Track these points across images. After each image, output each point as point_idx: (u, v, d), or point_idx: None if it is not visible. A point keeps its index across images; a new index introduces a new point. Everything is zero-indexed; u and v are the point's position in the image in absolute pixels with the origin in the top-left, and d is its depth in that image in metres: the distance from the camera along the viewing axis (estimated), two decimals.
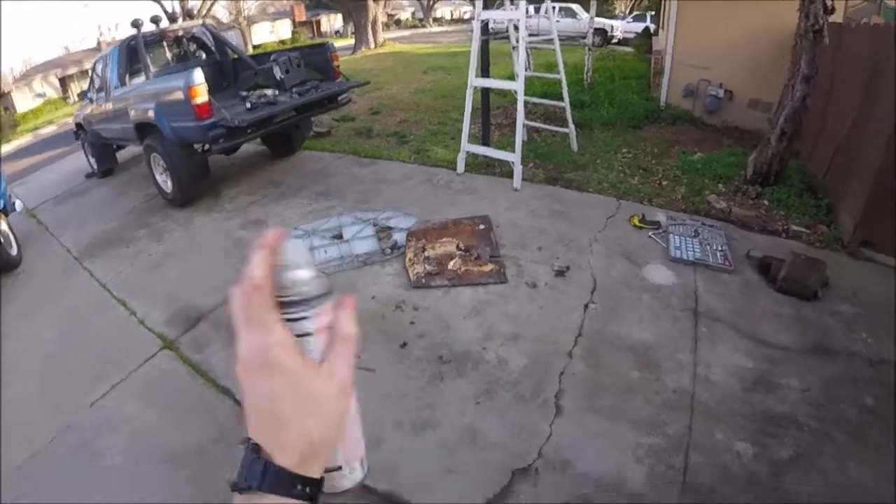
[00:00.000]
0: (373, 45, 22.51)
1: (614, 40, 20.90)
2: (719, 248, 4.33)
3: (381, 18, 25.83)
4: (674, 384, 3.03)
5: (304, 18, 42.53)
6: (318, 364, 0.47)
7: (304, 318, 0.47)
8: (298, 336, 0.46)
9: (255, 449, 0.45)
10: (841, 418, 2.78)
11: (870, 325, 3.47)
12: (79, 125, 8.86)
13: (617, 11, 31.03)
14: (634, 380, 3.08)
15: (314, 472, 0.46)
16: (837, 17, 5.91)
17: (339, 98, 6.93)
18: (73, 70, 32.47)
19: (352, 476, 0.53)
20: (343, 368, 0.48)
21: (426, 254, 4.41)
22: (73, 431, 3.15)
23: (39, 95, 31.02)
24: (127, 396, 3.37)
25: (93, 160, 8.74)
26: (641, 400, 2.93)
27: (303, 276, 0.47)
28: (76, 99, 8.31)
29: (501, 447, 2.69)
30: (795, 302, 3.70)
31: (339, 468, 0.52)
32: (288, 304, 0.46)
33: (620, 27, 21.79)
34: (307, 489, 0.45)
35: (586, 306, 3.73)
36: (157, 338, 3.90)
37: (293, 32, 40.90)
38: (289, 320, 0.46)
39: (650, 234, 4.66)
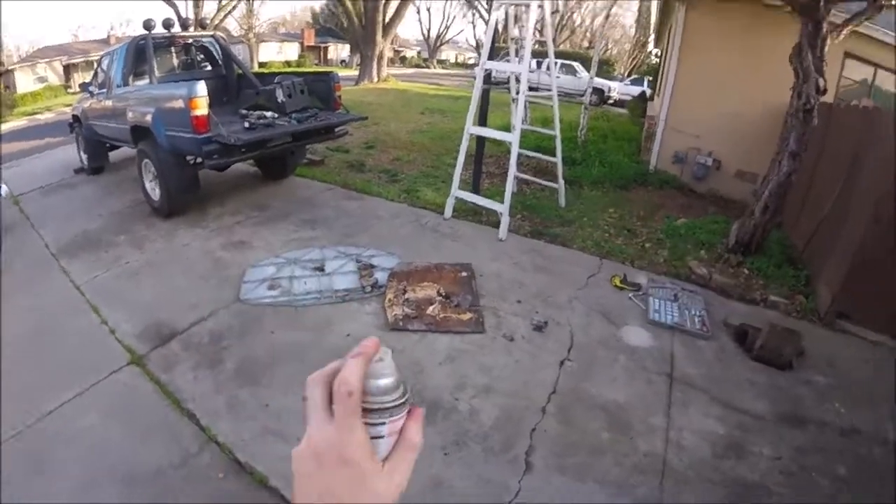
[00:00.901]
0: (376, 79, 22.86)
1: (610, 101, 21.46)
2: (697, 314, 4.37)
3: (388, 54, 26.29)
4: (645, 447, 3.02)
5: (312, 43, 43.26)
6: (382, 463, 0.50)
7: (382, 423, 0.50)
8: (372, 438, 0.50)
9: None
10: (812, 487, 2.80)
11: (843, 396, 3.53)
12: (75, 117, 8.79)
13: (615, 73, 31.91)
14: (606, 441, 3.06)
15: None
16: (829, 98, 6.13)
17: (337, 129, 6.95)
18: (78, 59, 32.53)
19: None
20: (403, 472, 0.51)
21: (406, 296, 4.39)
22: (26, 438, 3.02)
23: (41, 79, 31.04)
24: (87, 408, 3.26)
25: (84, 156, 8.65)
26: (612, 461, 2.91)
27: (388, 387, 0.51)
28: (77, 89, 8.35)
29: (467, 500, 2.64)
30: (770, 371, 3.75)
31: None
32: (369, 412, 0.50)
33: (618, 88, 22.44)
34: None
35: (562, 363, 3.72)
36: (126, 351, 3.81)
37: (300, 56, 41.54)
38: (367, 424, 0.49)
39: (630, 295, 4.70)
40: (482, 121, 6.46)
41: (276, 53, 40.77)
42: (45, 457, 2.89)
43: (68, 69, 32.30)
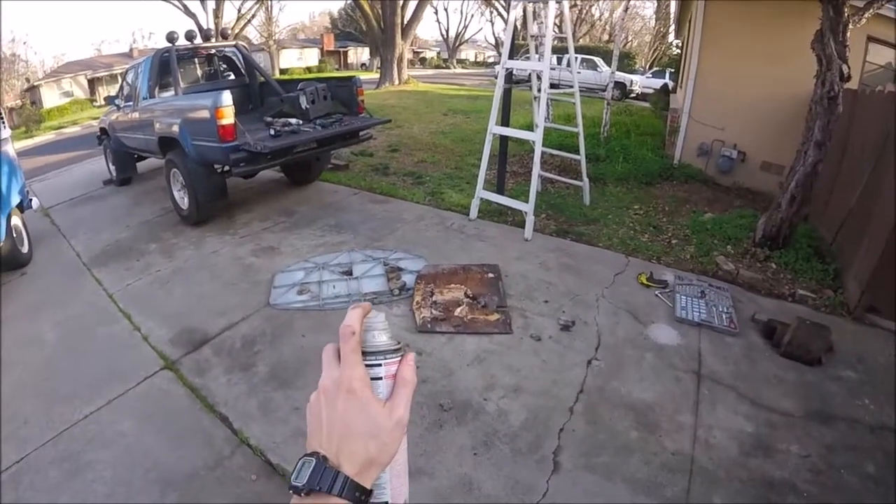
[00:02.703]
0: (397, 82, 23.00)
1: (632, 94, 21.28)
2: (725, 311, 4.34)
3: (408, 56, 26.41)
4: (673, 446, 3.01)
5: (332, 48, 43.60)
6: (383, 401, 0.59)
7: (378, 365, 0.59)
8: (372, 379, 0.59)
9: (324, 459, 0.55)
10: (841, 485, 2.77)
11: (872, 392, 3.48)
12: (103, 130, 9.01)
13: (637, 66, 31.57)
14: (634, 439, 3.07)
15: (366, 484, 0.56)
16: (853, 84, 6.02)
17: (361, 133, 7.03)
18: (102, 73, 33.46)
19: None
20: (401, 407, 0.59)
21: (434, 298, 4.45)
22: (64, 441, 3.13)
23: (66, 94, 31.87)
24: (123, 413, 3.36)
25: (112, 167, 8.88)
26: (640, 461, 2.91)
27: (380, 334, 0.61)
28: (102, 102, 8.60)
29: (496, 500, 2.67)
30: (799, 367, 3.71)
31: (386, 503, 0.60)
32: (368, 354, 0.59)
33: (640, 82, 22.24)
34: (361, 496, 0.55)
35: (589, 362, 3.74)
36: (159, 357, 3.92)
37: (320, 61, 41.93)
38: (367, 365, 0.59)
39: (657, 292, 4.69)
40: (505, 120, 6.47)
41: (297, 59, 41.23)
42: (83, 459, 2.99)
43: (93, 83, 33.18)
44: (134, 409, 3.42)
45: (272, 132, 6.13)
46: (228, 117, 5.40)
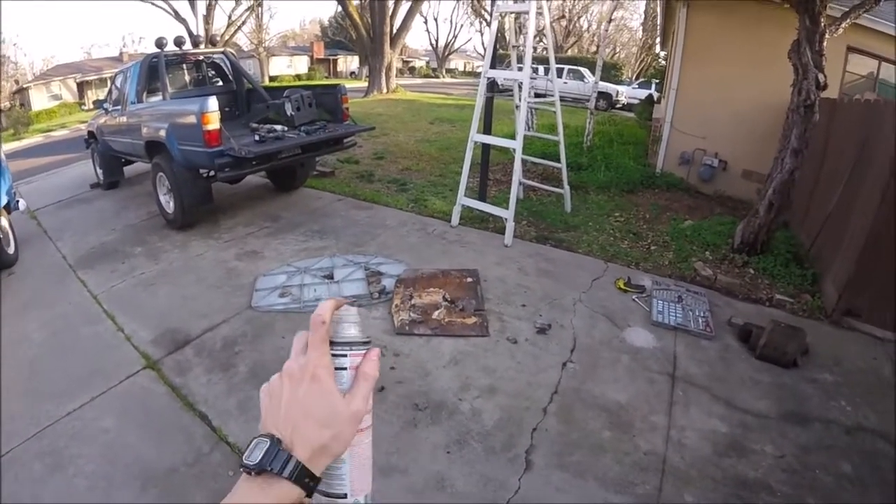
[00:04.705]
0: (385, 90, 23.07)
1: (618, 105, 21.52)
2: (701, 315, 4.40)
3: (396, 65, 26.53)
4: (646, 445, 3.05)
5: (322, 56, 43.69)
6: (343, 392, 0.60)
7: (343, 355, 0.61)
8: (336, 369, 0.60)
9: (278, 441, 0.56)
10: (815, 485, 2.81)
11: (849, 394, 3.54)
12: (91, 133, 9.00)
13: (623, 77, 31.90)
14: (607, 439, 3.11)
15: (316, 471, 0.57)
16: (833, 93, 6.12)
17: (345, 140, 7.10)
18: (91, 76, 33.20)
19: None
20: (359, 399, 0.60)
21: (413, 301, 4.48)
22: (48, 436, 3.15)
23: (55, 97, 31.55)
24: (105, 410, 3.38)
25: (100, 171, 8.84)
26: (612, 460, 2.95)
27: (349, 327, 0.63)
28: (91, 106, 8.58)
29: (468, 497, 2.70)
30: (774, 369, 3.77)
31: (345, 496, 0.61)
32: (335, 344, 0.61)
33: (625, 92, 22.48)
34: (310, 482, 0.56)
35: (564, 365, 3.78)
36: (141, 356, 3.93)
37: (310, 69, 41.96)
38: (333, 355, 0.61)
39: (634, 297, 4.75)
40: (487, 129, 6.53)
41: (287, 67, 41.27)
42: (65, 455, 3.01)
43: (82, 86, 32.91)
44: (116, 406, 3.43)
45: (257, 138, 6.17)
46: (214, 122, 5.45)
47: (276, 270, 5.22)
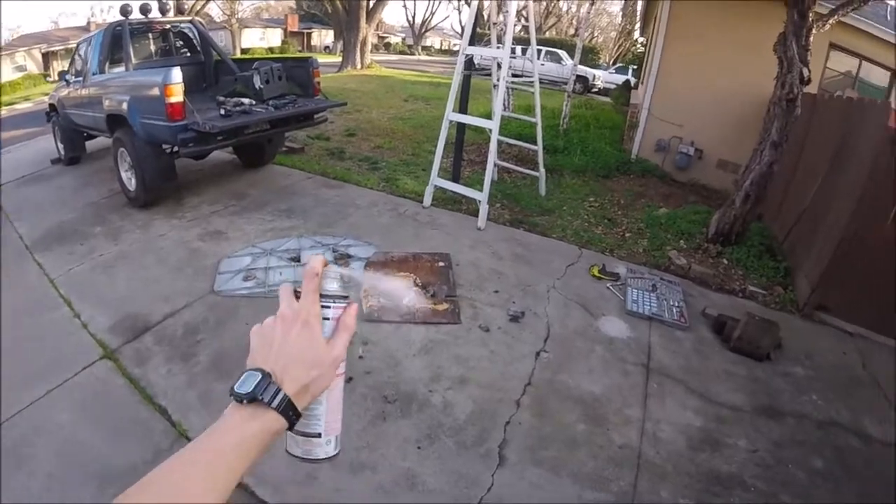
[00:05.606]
0: (359, 66, 22.63)
1: (595, 89, 21.48)
2: (676, 305, 4.37)
3: (372, 40, 26.03)
4: (621, 439, 3.01)
5: (296, 29, 42.64)
6: (326, 339, 0.67)
7: (327, 307, 0.68)
8: (322, 319, 0.67)
9: (269, 375, 0.61)
10: (788, 480, 2.81)
11: (821, 388, 3.56)
12: (52, 106, 8.58)
13: (601, 61, 31.88)
14: (581, 433, 3.05)
15: (299, 407, 0.63)
16: (813, 89, 6.12)
17: (316, 116, 6.86)
18: (57, 47, 31.66)
19: (327, 448, 0.68)
20: (339, 347, 0.67)
21: None
22: (4, 432, 2.95)
23: (20, 68, 30.15)
24: (61, 404, 3.18)
25: (61, 145, 8.44)
26: (587, 454, 2.90)
27: (332, 282, 0.69)
28: (56, 78, 8.19)
29: (440, 495, 2.61)
30: (748, 362, 3.77)
31: (319, 435, 0.67)
32: (322, 296, 0.68)
33: (602, 77, 22.49)
34: (293, 416, 0.62)
35: (538, 354, 3.70)
36: (98, 345, 3.71)
37: (283, 42, 40.95)
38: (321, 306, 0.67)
39: (609, 285, 4.68)
40: (463, 108, 6.36)
41: (259, 39, 40.17)
42: (24, 451, 2.83)
43: (47, 57, 31.46)
44: (73, 399, 3.24)
45: (223, 112, 5.88)
46: (177, 95, 5.17)
47: (240, 252, 5.00)
